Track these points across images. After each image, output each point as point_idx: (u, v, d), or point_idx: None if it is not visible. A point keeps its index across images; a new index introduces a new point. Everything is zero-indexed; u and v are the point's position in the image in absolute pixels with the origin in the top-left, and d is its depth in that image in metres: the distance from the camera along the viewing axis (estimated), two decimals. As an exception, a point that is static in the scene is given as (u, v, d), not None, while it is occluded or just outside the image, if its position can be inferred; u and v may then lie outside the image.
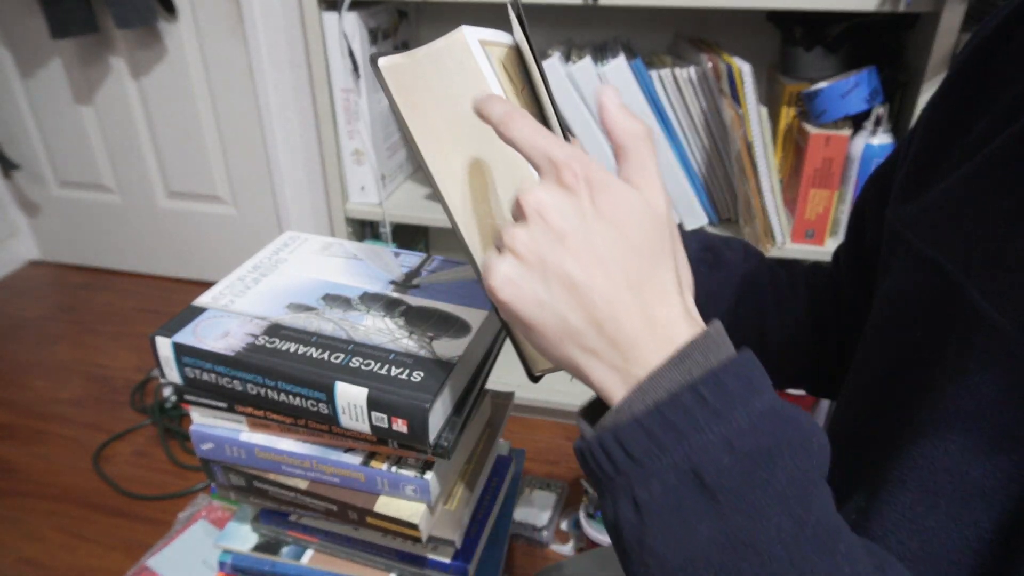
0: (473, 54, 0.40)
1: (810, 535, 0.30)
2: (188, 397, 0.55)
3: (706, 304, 0.57)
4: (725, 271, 0.59)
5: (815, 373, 0.62)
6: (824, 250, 1.17)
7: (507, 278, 0.34)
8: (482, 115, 0.37)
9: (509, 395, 0.67)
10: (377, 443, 0.52)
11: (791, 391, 1.37)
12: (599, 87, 0.40)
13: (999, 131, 0.39)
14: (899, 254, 0.45)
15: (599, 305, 0.33)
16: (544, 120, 0.43)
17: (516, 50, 0.44)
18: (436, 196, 0.42)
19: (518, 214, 0.35)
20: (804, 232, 1.17)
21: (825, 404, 1.38)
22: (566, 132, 0.42)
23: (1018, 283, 0.34)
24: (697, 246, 0.59)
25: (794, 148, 1.19)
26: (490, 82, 0.40)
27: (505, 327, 0.44)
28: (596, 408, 0.37)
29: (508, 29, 0.45)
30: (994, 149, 0.38)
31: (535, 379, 0.45)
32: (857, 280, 0.56)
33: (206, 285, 0.58)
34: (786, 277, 0.62)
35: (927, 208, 0.43)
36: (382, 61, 0.41)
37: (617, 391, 0.33)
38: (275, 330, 0.53)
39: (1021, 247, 0.34)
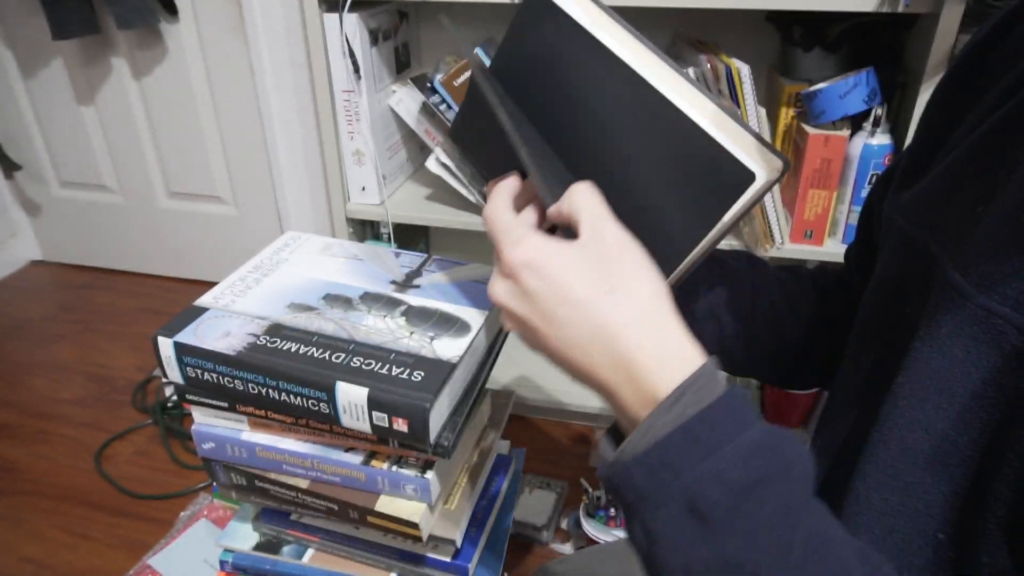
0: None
1: (798, 555, 0.33)
2: (190, 397, 0.55)
3: (723, 315, 0.59)
4: (735, 280, 0.60)
5: (833, 371, 0.64)
6: (823, 250, 1.17)
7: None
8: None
9: (509, 395, 0.68)
10: (378, 443, 0.52)
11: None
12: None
13: (985, 121, 0.41)
14: (890, 238, 0.47)
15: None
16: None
17: None
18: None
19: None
20: (803, 232, 1.17)
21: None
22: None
23: (983, 253, 0.37)
24: (703, 261, 0.60)
25: (793, 148, 1.20)
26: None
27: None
28: (616, 430, 0.40)
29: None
30: (976, 136, 0.41)
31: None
32: (868, 278, 0.57)
33: (207, 285, 0.58)
34: (792, 280, 0.63)
35: (917, 193, 0.45)
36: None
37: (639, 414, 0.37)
38: (276, 330, 0.53)
39: (989, 223, 0.37)
